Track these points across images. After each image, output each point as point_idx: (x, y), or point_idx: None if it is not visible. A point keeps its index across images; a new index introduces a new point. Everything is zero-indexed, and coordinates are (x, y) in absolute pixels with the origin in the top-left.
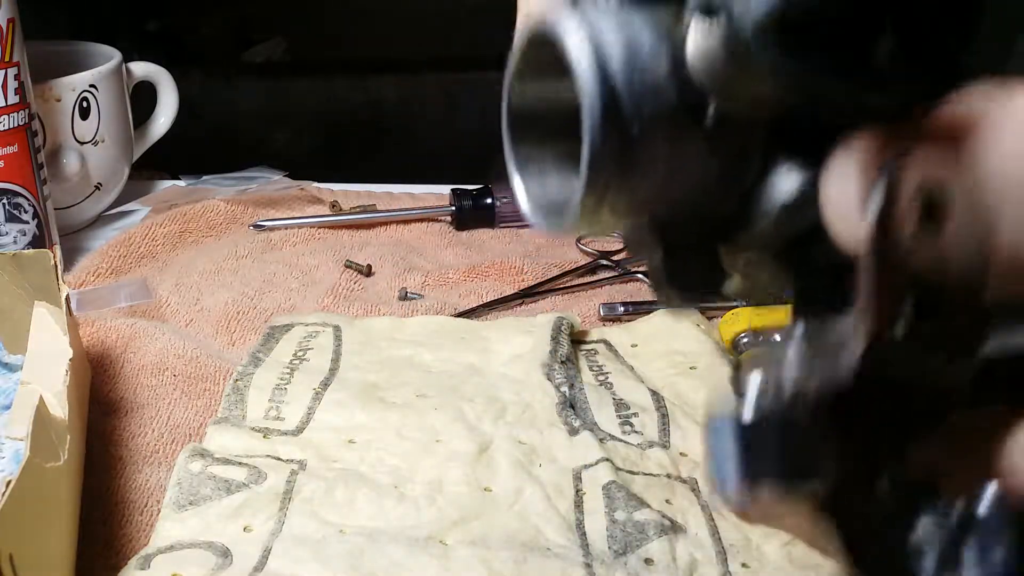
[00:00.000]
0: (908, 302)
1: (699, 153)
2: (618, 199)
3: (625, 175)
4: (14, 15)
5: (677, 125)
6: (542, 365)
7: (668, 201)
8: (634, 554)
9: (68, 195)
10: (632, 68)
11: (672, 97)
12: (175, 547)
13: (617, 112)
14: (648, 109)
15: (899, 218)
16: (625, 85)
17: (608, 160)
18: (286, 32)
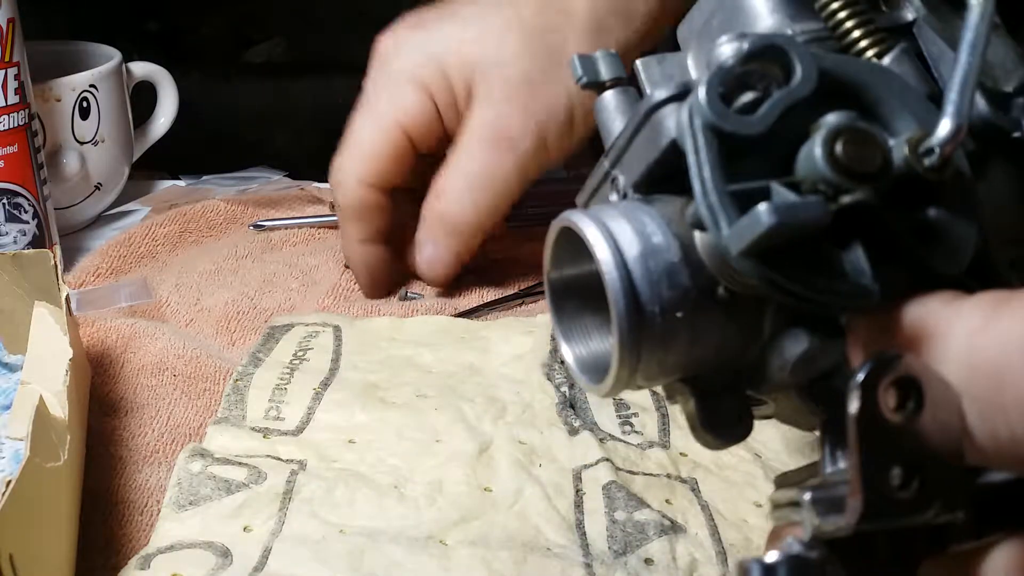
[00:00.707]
0: (895, 468)
1: (716, 322)
2: (649, 367)
3: (651, 350)
4: (14, 15)
5: (692, 302)
6: (542, 365)
7: (693, 362)
8: (634, 554)
9: (68, 195)
10: (646, 258)
11: (685, 280)
12: (175, 547)
13: (637, 300)
14: (665, 292)
15: (876, 404)
16: (642, 274)
17: (634, 339)
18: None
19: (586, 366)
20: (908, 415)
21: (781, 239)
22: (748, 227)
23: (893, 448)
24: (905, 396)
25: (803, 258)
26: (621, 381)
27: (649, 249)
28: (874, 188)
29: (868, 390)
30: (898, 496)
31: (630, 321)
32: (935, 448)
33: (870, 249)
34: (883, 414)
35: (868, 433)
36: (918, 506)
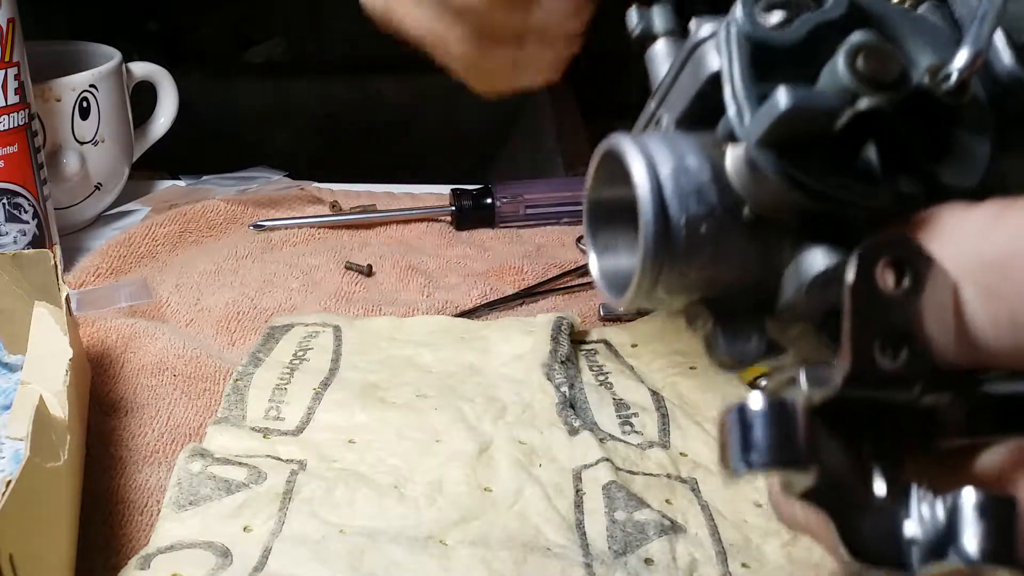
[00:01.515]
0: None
1: (739, 242)
2: (670, 281)
3: (674, 261)
4: (14, 15)
5: (718, 221)
6: (542, 365)
7: (715, 281)
8: (634, 554)
9: (68, 195)
10: (678, 176)
11: (713, 199)
12: (175, 547)
13: (665, 212)
14: (692, 209)
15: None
16: (673, 190)
17: (658, 250)
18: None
19: (610, 279)
20: (903, 292)
21: (797, 128)
22: (766, 112)
23: (885, 320)
24: (901, 275)
25: (819, 156)
26: (643, 290)
27: (682, 167)
28: (890, 97)
29: (866, 262)
30: (885, 366)
31: (656, 230)
32: (926, 328)
33: (884, 157)
34: (878, 287)
35: (861, 303)
36: (904, 380)
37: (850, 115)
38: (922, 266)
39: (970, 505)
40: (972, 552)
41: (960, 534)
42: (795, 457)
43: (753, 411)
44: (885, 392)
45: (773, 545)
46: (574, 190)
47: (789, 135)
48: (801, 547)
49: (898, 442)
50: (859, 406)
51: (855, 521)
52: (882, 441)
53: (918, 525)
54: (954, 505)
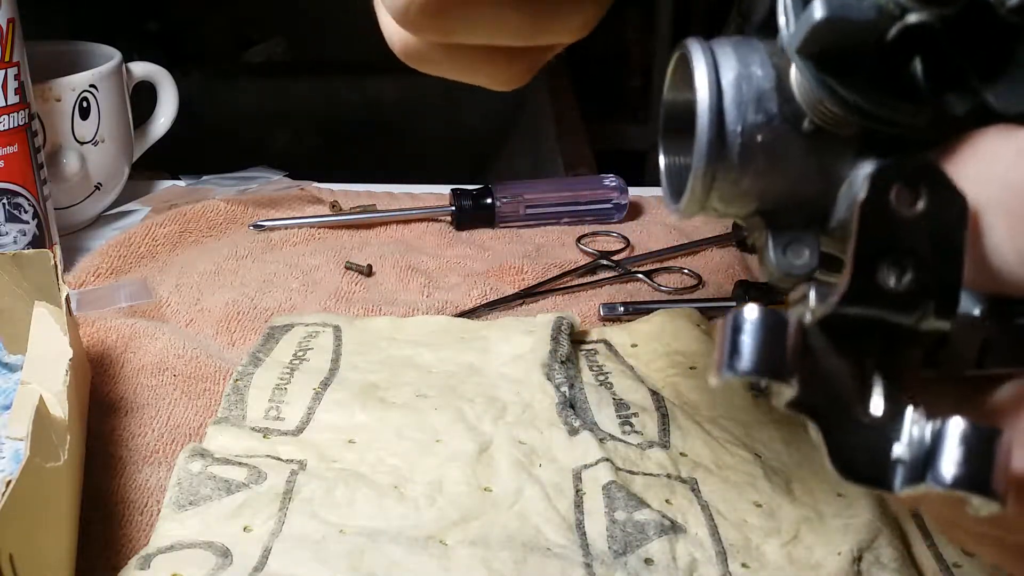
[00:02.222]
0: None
1: (796, 154)
2: (723, 188)
3: (728, 169)
4: (14, 15)
5: (775, 131)
6: (542, 365)
7: (770, 193)
8: (634, 554)
9: (68, 195)
10: (740, 83)
11: (773, 108)
12: (175, 547)
13: (722, 118)
14: (750, 117)
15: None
16: (733, 97)
17: (712, 156)
18: (286, 32)
19: (673, 184)
20: (916, 215)
21: (838, 40)
22: (804, 21)
23: (893, 241)
24: (917, 197)
25: (863, 70)
26: (696, 196)
27: (745, 74)
28: (941, 12)
29: (880, 181)
30: (888, 285)
31: (711, 136)
32: (936, 252)
33: (931, 74)
34: (890, 207)
35: (870, 220)
36: (905, 302)
37: (899, 29)
38: (940, 190)
39: (954, 431)
40: (946, 476)
41: (939, 458)
42: (777, 368)
43: (745, 319)
44: (885, 312)
45: (773, 545)
46: (574, 190)
47: (831, 46)
48: (801, 547)
49: (904, 365)
50: (868, 325)
51: (846, 436)
52: (888, 362)
53: (906, 446)
54: (940, 430)
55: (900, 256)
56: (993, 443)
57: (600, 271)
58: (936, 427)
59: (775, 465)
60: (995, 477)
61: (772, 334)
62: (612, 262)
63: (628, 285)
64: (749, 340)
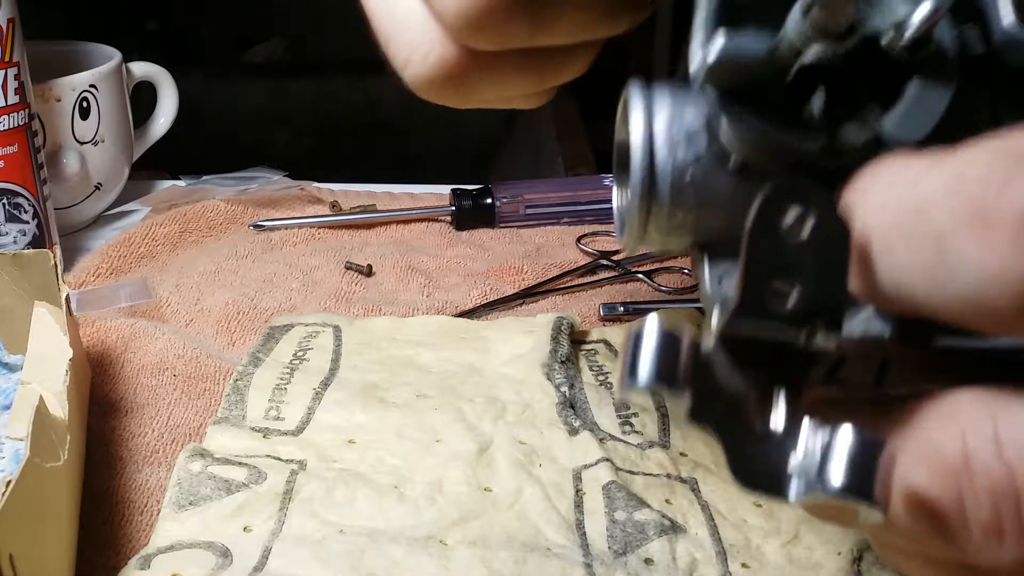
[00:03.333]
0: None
1: (724, 189)
2: (659, 222)
3: (660, 204)
4: (14, 15)
5: (703, 167)
6: (542, 365)
7: (703, 226)
8: (634, 554)
9: (68, 195)
10: (671, 124)
11: (701, 147)
12: (175, 547)
13: (652, 156)
14: (680, 154)
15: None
16: (665, 137)
17: (644, 192)
18: (286, 32)
19: (620, 216)
20: (802, 237)
21: (732, 75)
22: (707, 52)
23: (780, 262)
24: (804, 218)
25: (767, 102)
26: (635, 230)
27: (678, 115)
28: (835, 49)
29: (768, 203)
30: (776, 303)
31: (643, 174)
32: (822, 271)
33: (829, 106)
34: (778, 229)
35: (757, 242)
36: (793, 320)
37: (798, 67)
38: (826, 211)
39: (842, 441)
40: (832, 484)
41: (828, 467)
42: (671, 381)
43: (642, 335)
44: (774, 329)
45: (773, 545)
46: (574, 190)
47: (735, 80)
48: (801, 547)
49: (804, 382)
50: (765, 342)
51: (745, 448)
52: (788, 379)
53: (801, 457)
54: (830, 440)
55: (787, 275)
56: (877, 452)
57: (600, 271)
58: (827, 438)
59: None
60: (877, 486)
61: (666, 348)
62: (612, 262)
63: (628, 285)
64: (645, 354)
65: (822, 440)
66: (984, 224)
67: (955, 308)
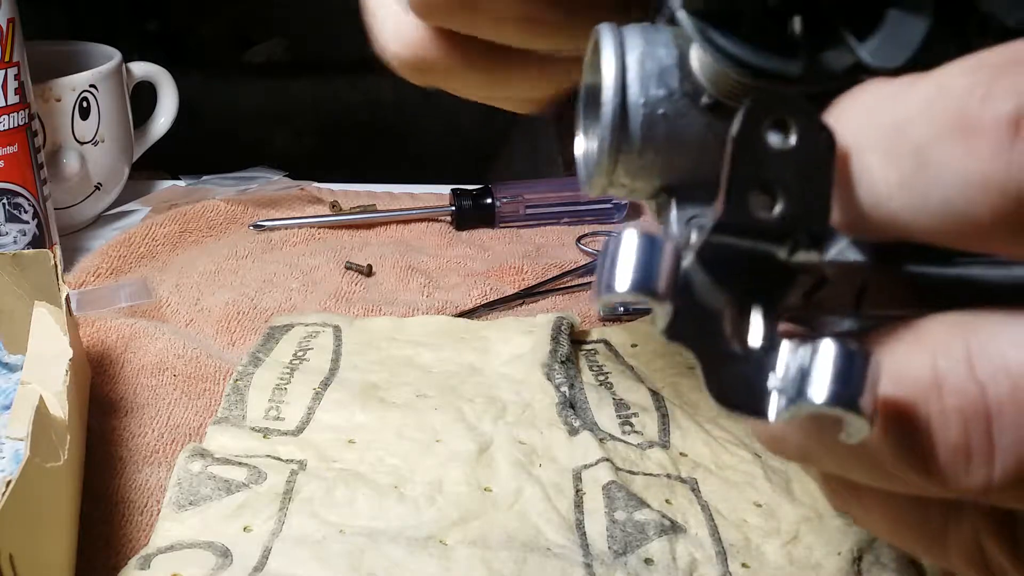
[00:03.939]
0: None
1: (696, 127)
2: (628, 162)
3: (631, 142)
4: (14, 15)
5: (676, 102)
6: (542, 365)
7: (673, 167)
8: (634, 554)
9: (68, 195)
10: (643, 60)
11: (674, 83)
12: (175, 547)
13: (624, 92)
14: (651, 91)
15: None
16: (636, 73)
17: (615, 129)
18: (286, 32)
19: (583, 163)
20: (786, 148)
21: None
22: None
23: (764, 172)
24: (787, 130)
25: (745, 27)
26: (603, 170)
27: (649, 52)
28: None
29: (752, 115)
30: (758, 216)
31: (614, 109)
32: (806, 183)
33: (808, 31)
34: (762, 140)
35: (741, 151)
36: (777, 232)
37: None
38: (810, 124)
39: (826, 351)
40: (817, 395)
41: (811, 379)
42: (652, 288)
43: (621, 241)
44: (757, 243)
45: (773, 545)
46: (574, 190)
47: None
48: (801, 547)
49: (782, 301)
50: (744, 259)
51: (724, 367)
52: (766, 298)
53: (781, 374)
54: (813, 353)
55: (771, 186)
56: (865, 363)
57: None
58: (808, 353)
59: (775, 465)
60: (865, 395)
61: (647, 255)
62: None
63: None
64: (624, 260)
65: (803, 356)
66: (966, 131)
67: (934, 224)
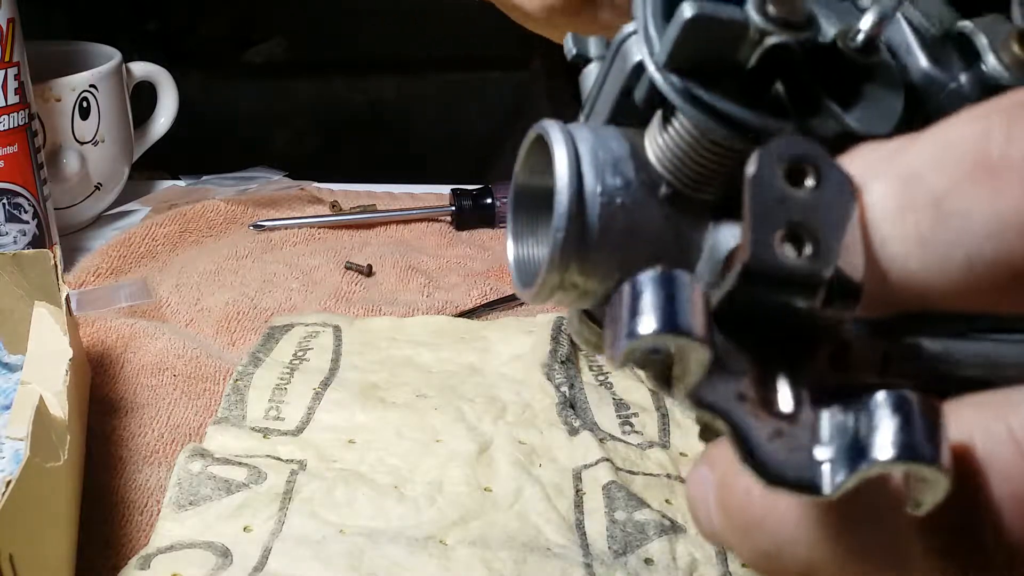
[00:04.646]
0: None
1: (655, 218)
2: (583, 258)
3: (588, 235)
4: (14, 15)
5: (633, 195)
6: (542, 365)
7: (631, 261)
8: (634, 554)
9: (68, 195)
10: (596, 150)
11: (630, 173)
12: (175, 547)
13: (580, 181)
14: (608, 179)
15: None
16: (590, 160)
17: (572, 218)
18: (286, 32)
19: (524, 268)
20: (806, 191)
21: (705, 47)
22: (673, 25)
23: (787, 214)
24: (804, 176)
25: (729, 86)
26: (556, 268)
27: (600, 142)
28: (798, 36)
29: (767, 157)
30: (787, 258)
31: (570, 195)
32: (831, 230)
33: (793, 95)
34: (780, 182)
35: (762, 193)
36: (807, 279)
37: (761, 51)
38: (827, 170)
39: (883, 404)
40: (884, 451)
41: (873, 435)
42: (688, 327)
43: (646, 278)
44: (786, 293)
45: None
46: None
47: (697, 56)
48: None
49: (809, 363)
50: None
51: (760, 437)
52: (792, 359)
53: (829, 441)
54: (868, 407)
55: (796, 230)
56: (932, 410)
57: None
58: (860, 409)
59: None
60: (941, 446)
61: (677, 290)
62: None
63: None
64: (651, 297)
65: (850, 419)
66: (990, 173)
67: (959, 280)
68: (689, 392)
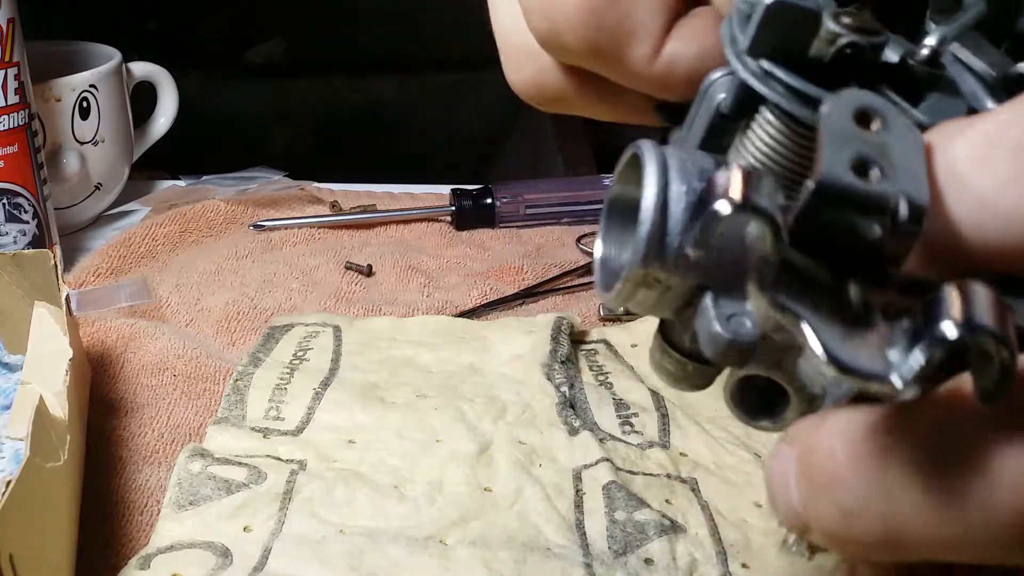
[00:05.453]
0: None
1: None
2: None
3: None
4: (14, 15)
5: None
6: (542, 365)
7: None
8: (634, 554)
9: (68, 195)
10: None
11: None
12: (175, 547)
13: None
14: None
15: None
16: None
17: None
18: (286, 32)
19: (608, 268)
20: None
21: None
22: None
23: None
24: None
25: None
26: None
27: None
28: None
29: (839, 100)
30: (857, 181)
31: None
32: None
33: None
34: (850, 122)
35: (835, 127)
36: (876, 202)
37: (836, 48)
38: (892, 117)
39: (951, 291)
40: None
41: (940, 320)
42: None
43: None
44: (855, 213)
45: (774, 545)
46: (574, 190)
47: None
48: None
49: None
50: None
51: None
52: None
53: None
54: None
55: (865, 160)
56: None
57: None
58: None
59: None
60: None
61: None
62: None
63: None
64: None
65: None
66: None
67: None
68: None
